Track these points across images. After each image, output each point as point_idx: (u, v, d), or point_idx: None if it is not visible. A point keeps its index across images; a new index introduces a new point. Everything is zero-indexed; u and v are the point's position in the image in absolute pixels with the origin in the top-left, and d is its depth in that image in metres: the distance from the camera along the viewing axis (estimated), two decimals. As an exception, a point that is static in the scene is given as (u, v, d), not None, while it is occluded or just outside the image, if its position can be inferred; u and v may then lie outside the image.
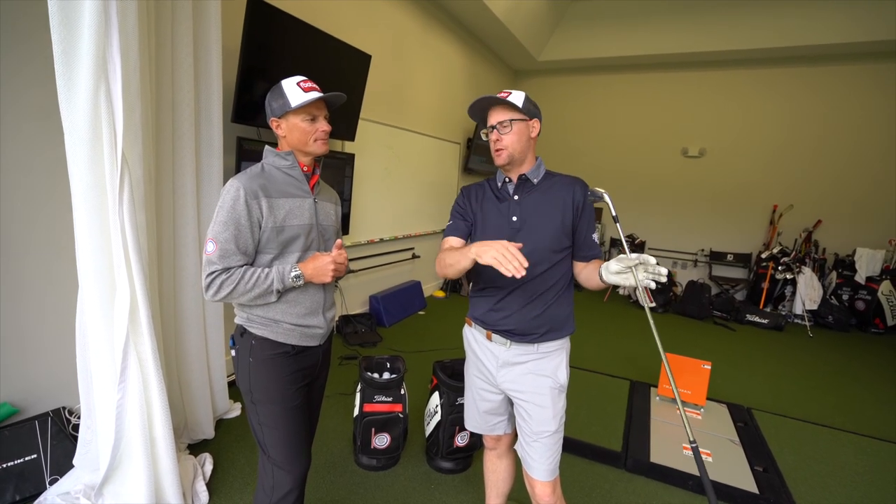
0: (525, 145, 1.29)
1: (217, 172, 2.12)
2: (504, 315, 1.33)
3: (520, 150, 1.28)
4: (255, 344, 1.30)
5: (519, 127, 1.27)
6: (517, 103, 1.25)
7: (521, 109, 1.25)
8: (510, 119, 1.26)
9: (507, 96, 1.26)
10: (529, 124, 1.29)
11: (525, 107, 1.27)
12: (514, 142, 1.27)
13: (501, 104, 1.27)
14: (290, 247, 1.30)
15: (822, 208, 5.65)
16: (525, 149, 1.29)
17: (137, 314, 1.52)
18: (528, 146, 1.30)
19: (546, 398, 1.31)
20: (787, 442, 2.57)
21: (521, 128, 1.27)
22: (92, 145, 1.34)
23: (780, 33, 5.12)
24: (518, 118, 1.26)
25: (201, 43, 1.94)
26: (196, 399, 2.19)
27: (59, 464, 1.88)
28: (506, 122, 1.26)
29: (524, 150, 1.29)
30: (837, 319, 5.09)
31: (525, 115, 1.27)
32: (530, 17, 5.48)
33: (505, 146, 1.27)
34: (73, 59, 1.27)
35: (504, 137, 1.27)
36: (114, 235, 1.43)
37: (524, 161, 1.31)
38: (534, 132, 1.30)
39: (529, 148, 1.31)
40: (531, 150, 1.32)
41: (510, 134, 1.26)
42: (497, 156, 1.29)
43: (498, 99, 1.26)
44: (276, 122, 1.29)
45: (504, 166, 1.32)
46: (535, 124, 1.30)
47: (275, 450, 1.33)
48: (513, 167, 1.32)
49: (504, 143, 1.27)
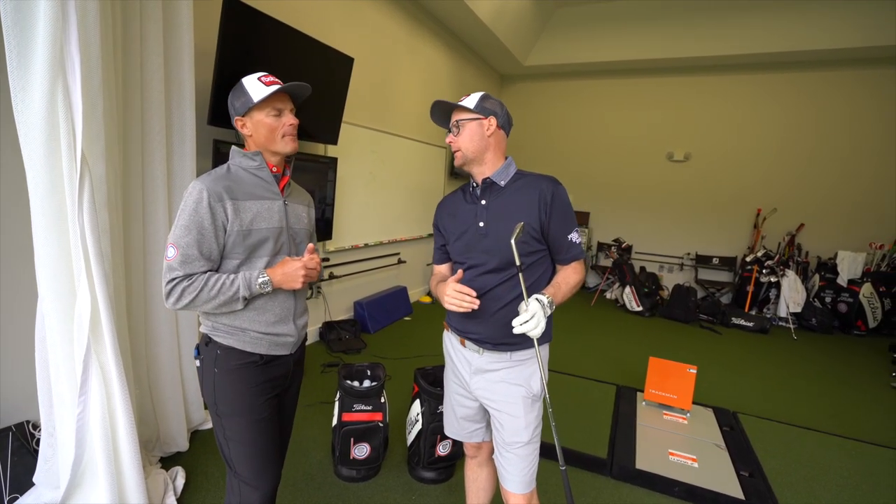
0: (479, 144, 1.26)
1: (190, 175, 2.06)
2: (475, 322, 1.30)
3: (473, 150, 1.26)
4: (221, 354, 1.24)
5: (471, 127, 1.25)
6: (468, 105, 1.24)
7: (473, 109, 1.24)
8: (458, 120, 1.27)
9: (464, 99, 1.27)
10: (484, 122, 1.26)
11: (478, 106, 1.25)
12: (466, 141, 1.26)
13: (456, 107, 1.28)
14: (257, 251, 1.24)
15: (805, 212, 5.73)
16: (480, 148, 1.26)
17: (99, 322, 1.44)
18: (485, 145, 1.27)
19: (518, 407, 1.28)
20: (772, 446, 2.55)
21: (473, 127, 1.25)
22: (48, 145, 1.28)
23: (764, 38, 5.20)
24: (468, 118, 1.25)
25: (172, 44, 1.88)
26: (168, 410, 2.11)
27: (19, 481, 1.79)
28: (454, 122, 1.28)
29: (479, 150, 1.27)
30: (820, 322, 5.14)
31: (478, 114, 1.25)
32: (516, 22, 5.49)
33: (458, 147, 1.28)
34: (27, 53, 1.21)
35: (457, 139, 1.28)
36: (73, 239, 1.36)
37: (483, 161, 1.29)
38: (489, 130, 1.26)
39: (487, 147, 1.27)
40: (491, 150, 1.28)
41: (461, 134, 1.27)
42: (455, 158, 1.31)
43: (447, 103, 1.28)
44: (240, 121, 1.24)
45: (462, 167, 1.31)
46: (492, 121, 1.26)
47: (241, 466, 1.26)
48: (472, 167, 1.30)
49: (458, 144, 1.28)
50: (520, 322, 1.11)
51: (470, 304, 1.17)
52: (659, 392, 2.81)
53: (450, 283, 1.21)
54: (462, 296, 1.17)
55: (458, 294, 1.18)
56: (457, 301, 1.18)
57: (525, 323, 1.11)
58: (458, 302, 1.17)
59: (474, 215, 1.30)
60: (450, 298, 1.19)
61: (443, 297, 1.23)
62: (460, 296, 1.17)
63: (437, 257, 1.49)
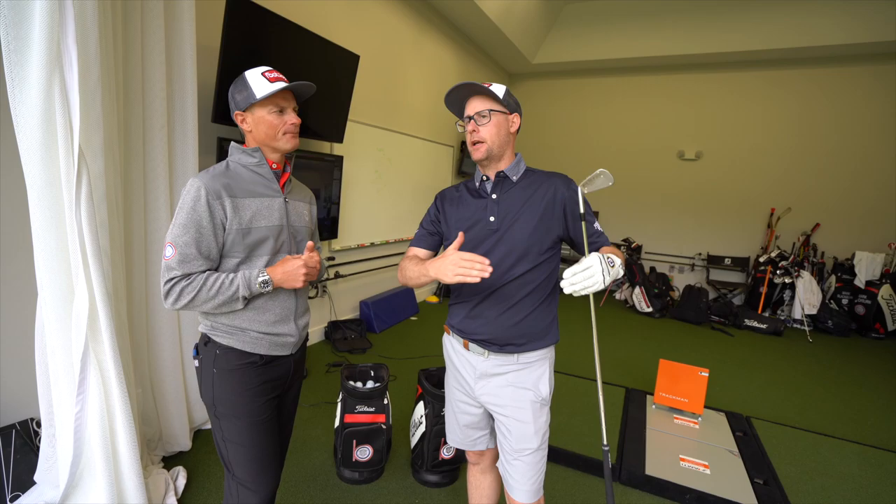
0: (504, 140, 1.20)
1: (192, 172, 2.04)
2: (480, 323, 1.24)
3: (499, 145, 1.19)
4: (220, 354, 1.21)
5: (498, 119, 1.18)
6: (498, 94, 1.17)
7: (502, 101, 1.18)
8: (489, 109, 1.17)
9: (492, 86, 1.18)
10: (510, 118, 1.21)
11: (505, 99, 1.19)
12: (493, 134, 1.18)
13: (481, 93, 1.18)
14: (257, 250, 1.21)
15: (821, 211, 5.59)
16: (504, 143, 1.21)
17: (97, 320, 1.42)
18: (508, 141, 1.22)
19: (527, 413, 1.22)
20: (787, 452, 2.48)
21: (500, 120, 1.19)
22: (45, 139, 1.26)
23: (777, 35, 5.08)
24: (498, 109, 1.18)
25: (174, 40, 1.86)
26: (170, 409, 2.09)
27: (21, 479, 1.78)
28: (484, 111, 1.17)
29: (503, 145, 1.21)
30: (837, 324, 5.01)
31: (505, 108, 1.19)
32: (524, 19, 5.43)
33: (483, 138, 1.18)
34: (23, 48, 1.19)
35: (482, 129, 1.17)
36: (70, 235, 1.34)
37: (503, 157, 1.23)
38: (514, 127, 1.22)
39: (509, 144, 1.23)
40: (510, 147, 1.24)
41: (489, 125, 1.18)
42: (475, 150, 1.20)
43: (477, 86, 1.17)
44: (240, 115, 1.21)
45: (481, 161, 1.23)
46: (516, 119, 1.22)
47: (240, 468, 1.24)
48: (490, 163, 1.23)
49: (482, 135, 1.18)
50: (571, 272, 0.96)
51: (482, 270, 0.96)
52: (669, 395, 2.74)
53: (451, 251, 1.03)
54: (472, 263, 0.97)
55: (468, 262, 0.97)
56: (466, 268, 0.97)
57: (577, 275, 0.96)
58: (466, 270, 0.96)
59: (483, 209, 1.24)
60: (455, 268, 0.98)
61: (440, 271, 1.02)
62: (470, 263, 0.97)
63: (422, 241, 1.32)
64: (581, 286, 0.98)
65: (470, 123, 1.19)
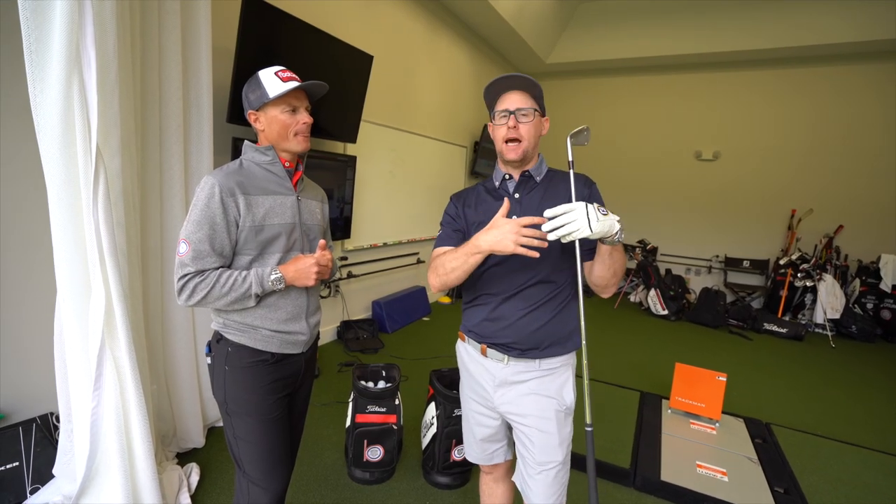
0: (537, 141, 1.19)
1: (207, 171, 2.06)
2: (501, 326, 1.19)
3: (533, 146, 1.18)
4: (232, 351, 1.22)
5: (538, 121, 1.17)
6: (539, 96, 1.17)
7: (540, 102, 1.17)
8: (532, 108, 1.13)
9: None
10: (543, 121, 1.21)
11: (541, 100, 1.18)
12: (532, 135, 1.15)
13: (526, 90, 1.14)
14: (270, 247, 1.22)
15: (844, 213, 5.43)
16: (536, 144, 1.20)
17: (113, 316, 1.44)
18: (537, 143, 1.21)
19: (551, 423, 1.17)
20: (809, 461, 2.40)
21: (538, 122, 1.17)
22: (64, 138, 1.28)
23: (796, 32, 4.96)
24: (537, 110, 1.17)
25: (190, 40, 1.89)
26: (185, 406, 2.12)
27: (40, 472, 1.82)
28: (527, 110, 1.12)
29: (536, 146, 1.20)
30: (861, 329, 4.86)
31: (542, 111, 1.19)
32: (538, 19, 5.40)
33: (522, 136, 1.13)
34: (44, 49, 1.21)
35: (522, 127, 1.13)
36: (88, 232, 1.37)
37: (534, 157, 1.23)
38: (544, 130, 1.21)
39: (538, 145, 1.22)
40: (538, 149, 1.24)
41: (529, 125, 1.13)
42: (509, 149, 1.14)
43: (528, 80, 1.12)
44: (253, 115, 1.21)
45: (513, 161, 1.17)
46: (547, 123, 1.22)
47: (251, 465, 1.24)
48: (524, 162, 1.20)
49: (521, 133, 1.13)
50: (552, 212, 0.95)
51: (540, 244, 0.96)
52: (686, 400, 2.69)
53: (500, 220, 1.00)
54: (536, 231, 0.96)
55: (532, 230, 0.96)
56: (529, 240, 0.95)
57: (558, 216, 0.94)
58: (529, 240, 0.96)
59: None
60: (517, 236, 0.95)
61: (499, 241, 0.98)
62: (533, 231, 0.96)
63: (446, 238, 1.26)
64: (563, 230, 0.95)
65: (510, 119, 1.12)
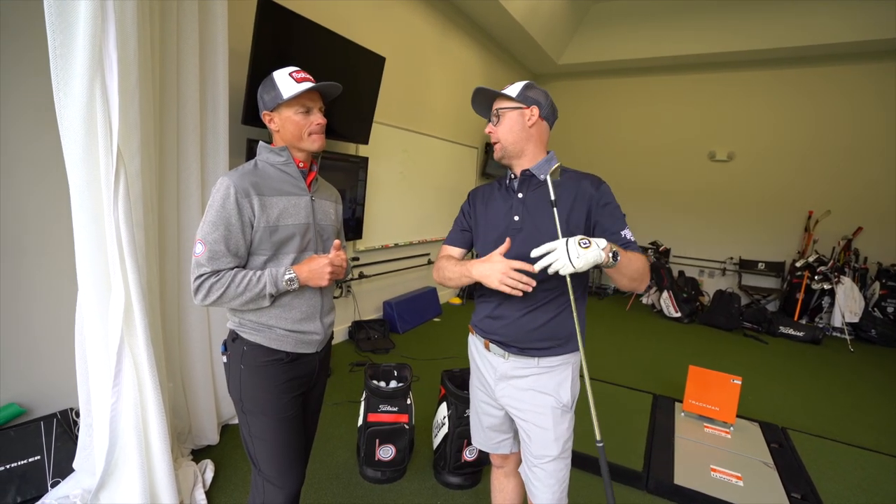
0: (520, 135, 1.19)
1: (223, 172, 2.07)
2: (501, 324, 1.23)
3: (513, 141, 1.19)
4: (247, 350, 1.24)
5: (511, 116, 1.18)
6: (510, 94, 1.17)
7: (515, 98, 1.17)
8: (498, 109, 1.20)
9: (507, 88, 1.20)
10: (526, 112, 1.18)
11: (520, 95, 1.18)
12: (506, 132, 1.19)
13: (497, 95, 1.21)
14: (284, 248, 1.23)
15: (863, 214, 5.31)
16: (520, 139, 1.19)
17: (132, 314, 1.48)
18: (526, 136, 1.19)
19: (547, 419, 1.20)
20: (827, 467, 2.35)
21: (514, 117, 1.18)
22: (86, 140, 1.32)
23: (811, 31, 4.87)
24: (509, 107, 1.18)
25: (207, 43, 1.92)
26: (200, 404, 2.15)
27: (61, 466, 1.86)
28: (496, 112, 1.21)
29: (519, 141, 1.19)
30: (881, 333, 4.75)
31: (520, 103, 1.18)
32: (550, 20, 5.38)
33: (497, 138, 1.21)
34: (68, 53, 1.24)
35: (496, 130, 1.21)
36: (109, 232, 1.40)
37: (524, 153, 1.21)
38: (531, 120, 1.18)
39: (528, 138, 1.20)
40: (533, 142, 1.20)
41: (500, 125, 1.20)
42: (494, 150, 1.24)
43: (489, 91, 1.21)
44: (268, 115, 1.23)
45: (501, 160, 1.24)
46: (534, 111, 1.18)
47: (266, 464, 1.25)
48: (511, 161, 1.23)
49: (496, 135, 1.21)
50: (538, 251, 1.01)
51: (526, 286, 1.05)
52: (699, 403, 2.65)
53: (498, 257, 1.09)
54: (522, 276, 1.05)
55: (519, 275, 1.05)
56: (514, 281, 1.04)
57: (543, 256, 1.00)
58: (515, 283, 1.04)
59: (509, 208, 1.23)
60: (503, 276, 1.05)
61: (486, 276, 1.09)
62: (520, 276, 1.04)
63: (456, 239, 1.36)
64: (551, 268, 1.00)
65: (488, 126, 1.24)
